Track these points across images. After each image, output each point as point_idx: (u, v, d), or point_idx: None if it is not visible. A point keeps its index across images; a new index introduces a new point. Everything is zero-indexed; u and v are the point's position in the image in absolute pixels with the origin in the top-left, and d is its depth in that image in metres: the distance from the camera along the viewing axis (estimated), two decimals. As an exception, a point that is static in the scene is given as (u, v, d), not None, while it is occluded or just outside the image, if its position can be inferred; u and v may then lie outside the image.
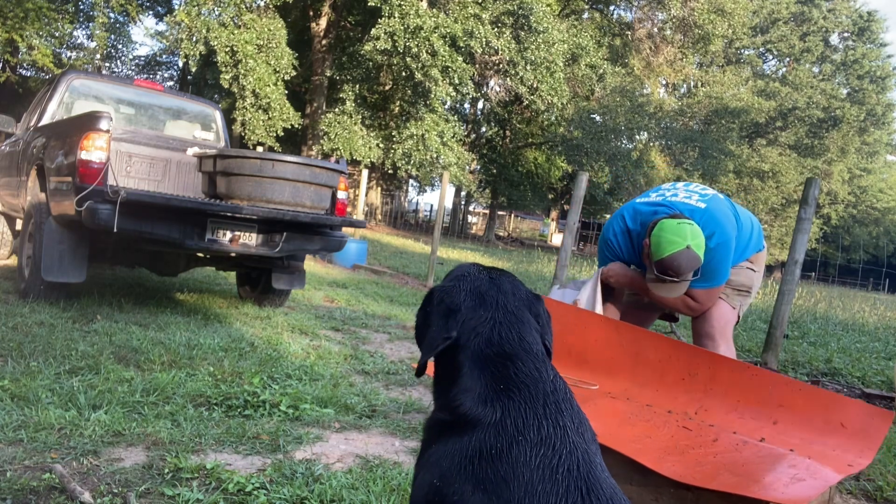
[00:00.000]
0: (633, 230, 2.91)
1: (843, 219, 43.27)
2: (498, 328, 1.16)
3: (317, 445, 2.59)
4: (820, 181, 4.79)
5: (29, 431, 2.30)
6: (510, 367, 1.11)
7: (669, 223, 2.64)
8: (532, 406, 1.06)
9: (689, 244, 2.58)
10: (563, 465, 0.99)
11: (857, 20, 40.44)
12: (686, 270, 2.61)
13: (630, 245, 2.93)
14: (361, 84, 21.19)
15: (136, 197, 3.91)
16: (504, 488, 0.96)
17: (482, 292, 1.21)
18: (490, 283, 1.24)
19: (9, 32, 18.11)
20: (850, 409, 1.98)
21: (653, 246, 2.65)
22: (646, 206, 2.91)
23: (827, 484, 1.81)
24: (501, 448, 1.00)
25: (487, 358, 1.12)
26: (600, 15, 29.51)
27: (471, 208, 43.97)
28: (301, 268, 5.29)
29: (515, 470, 0.97)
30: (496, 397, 1.07)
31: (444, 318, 1.18)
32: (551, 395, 1.09)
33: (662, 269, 2.62)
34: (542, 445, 1.00)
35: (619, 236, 2.96)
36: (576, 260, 13.62)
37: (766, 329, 5.39)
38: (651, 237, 2.68)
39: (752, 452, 1.97)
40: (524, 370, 1.11)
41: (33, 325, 3.78)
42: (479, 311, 1.18)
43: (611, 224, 3.03)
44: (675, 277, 2.62)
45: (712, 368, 2.25)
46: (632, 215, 2.93)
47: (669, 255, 2.59)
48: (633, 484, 2.10)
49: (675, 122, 30.13)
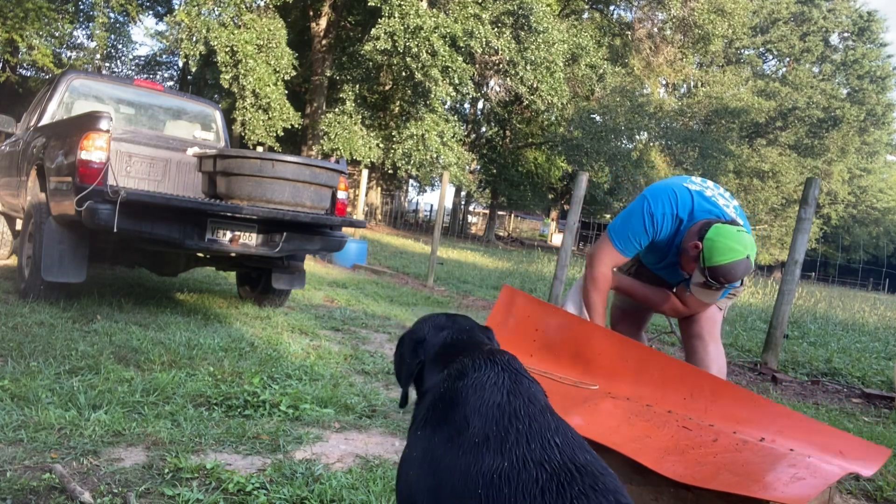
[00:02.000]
0: (685, 221, 2.72)
1: (843, 219, 43.28)
2: (452, 336, 1.45)
3: (317, 445, 2.59)
4: (820, 181, 4.79)
5: (29, 431, 2.30)
6: (459, 350, 1.39)
7: (729, 230, 2.53)
8: (470, 356, 1.31)
9: (749, 254, 2.51)
10: (490, 380, 1.23)
11: (857, 20, 40.46)
12: (738, 279, 2.55)
13: (672, 231, 2.73)
14: (361, 84, 21.20)
15: (136, 197, 3.91)
16: (449, 411, 1.20)
17: (441, 325, 1.50)
18: (447, 318, 1.54)
19: (9, 32, 18.12)
20: (849, 443, 1.99)
21: (707, 251, 2.53)
22: (701, 200, 2.73)
23: (827, 483, 1.81)
24: (447, 388, 1.25)
25: (441, 355, 1.40)
26: (600, 15, 29.52)
27: (471, 208, 44.00)
28: (301, 268, 5.29)
29: (466, 397, 1.20)
30: (448, 367, 1.32)
31: (413, 351, 1.47)
32: (489, 351, 1.34)
33: (714, 276, 2.53)
34: (475, 372, 1.25)
35: (667, 217, 2.72)
36: (576, 260, 13.61)
37: (766, 329, 5.39)
38: (706, 241, 2.55)
39: (752, 452, 1.97)
40: (470, 345, 1.40)
41: (33, 325, 3.78)
42: (438, 334, 1.47)
43: (660, 199, 2.73)
44: (725, 284, 2.55)
45: (715, 393, 2.25)
46: (681, 203, 2.73)
47: (729, 262, 2.50)
48: (633, 484, 2.10)
49: (675, 122, 30.15)
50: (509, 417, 1.14)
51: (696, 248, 2.60)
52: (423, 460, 1.18)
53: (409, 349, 1.49)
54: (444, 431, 1.18)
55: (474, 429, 1.14)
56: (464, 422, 1.16)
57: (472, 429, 1.14)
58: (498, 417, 1.14)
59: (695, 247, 2.61)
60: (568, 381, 2.52)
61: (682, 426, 2.16)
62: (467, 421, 1.16)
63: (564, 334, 2.64)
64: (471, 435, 1.13)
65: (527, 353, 2.72)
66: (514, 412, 1.15)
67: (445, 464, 1.13)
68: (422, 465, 1.18)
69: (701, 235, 2.60)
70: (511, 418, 1.14)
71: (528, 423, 1.13)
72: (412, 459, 1.22)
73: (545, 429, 1.12)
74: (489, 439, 1.11)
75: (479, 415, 1.16)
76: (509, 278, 10.63)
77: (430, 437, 1.20)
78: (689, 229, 2.70)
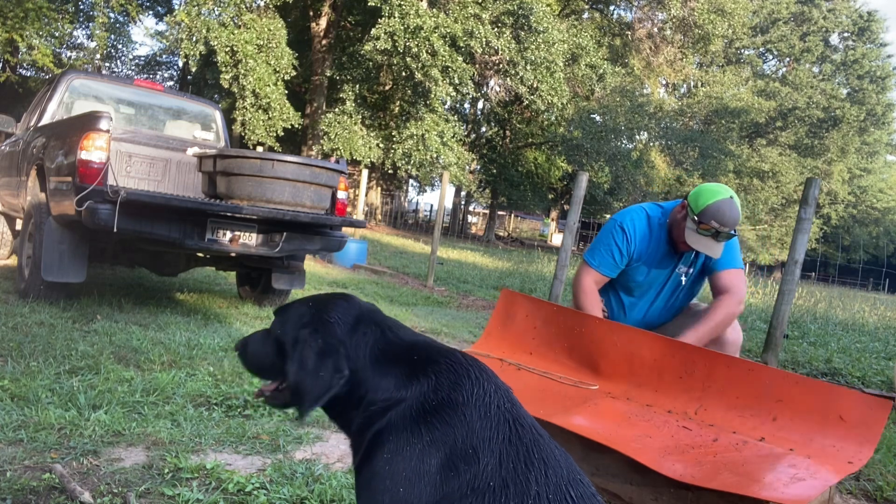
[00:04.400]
0: (654, 216, 2.83)
1: (843, 219, 43.24)
2: (383, 333, 1.27)
3: (317, 445, 2.59)
4: (820, 181, 4.79)
5: (29, 431, 2.30)
6: (418, 350, 1.24)
7: (708, 184, 2.70)
8: (458, 364, 1.20)
9: (732, 196, 2.62)
10: (493, 402, 1.15)
11: (857, 20, 40.44)
12: (730, 221, 2.59)
13: (647, 230, 2.81)
14: (361, 84, 21.19)
15: (136, 197, 3.91)
16: (448, 429, 1.10)
17: (350, 317, 1.28)
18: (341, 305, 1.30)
19: (9, 32, 18.10)
20: (848, 399, 1.97)
21: (693, 201, 2.65)
22: (666, 203, 2.90)
23: (827, 484, 1.81)
24: (442, 399, 1.14)
25: (389, 357, 1.23)
26: (600, 15, 29.51)
27: (471, 208, 43.97)
28: (301, 268, 5.29)
29: (470, 421, 1.11)
30: (421, 372, 1.19)
31: (329, 360, 1.22)
32: (466, 358, 1.24)
33: (705, 218, 2.58)
34: (474, 387, 1.16)
35: (636, 221, 2.82)
36: (576, 260, 13.63)
37: (766, 329, 5.39)
38: (690, 196, 2.68)
39: (752, 452, 1.97)
40: (435, 347, 1.26)
41: (33, 325, 3.78)
42: (356, 332, 1.26)
43: (625, 214, 2.88)
44: (717, 226, 2.58)
45: (708, 366, 2.25)
46: (644, 208, 2.88)
47: (714, 201, 2.59)
48: (632, 484, 2.10)
49: (675, 122, 30.16)
50: (525, 462, 1.08)
51: (683, 206, 2.71)
52: (418, 480, 1.09)
53: (316, 359, 1.21)
54: (441, 454, 1.09)
55: (486, 467, 1.07)
56: (471, 452, 1.08)
57: (484, 466, 1.07)
58: (514, 459, 1.08)
59: (682, 207, 2.71)
60: (568, 381, 2.52)
61: (682, 426, 2.16)
62: (476, 454, 1.08)
63: (560, 326, 2.66)
64: (483, 475, 1.06)
65: (526, 351, 2.73)
66: (527, 453, 1.09)
67: (451, 496, 1.06)
68: (416, 485, 1.08)
69: (683, 198, 2.74)
70: (527, 463, 1.08)
71: (544, 471, 1.08)
72: (398, 475, 1.10)
73: (561, 479, 1.08)
74: (508, 487, 1.05)
75: (490, 451, 1.09)
76: (509, 278, 10.62)
77: (423, 455, 1.10)
78: (671, 212, 2.80)
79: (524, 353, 2.71)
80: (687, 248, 2.74)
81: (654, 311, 2.95)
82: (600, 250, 2.85)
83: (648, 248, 2.82)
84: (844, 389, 2.04)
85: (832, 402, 1.98)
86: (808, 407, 2.01)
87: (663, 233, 2.80)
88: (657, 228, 2.81)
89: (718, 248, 2.65)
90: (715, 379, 2.22)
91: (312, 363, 1.21)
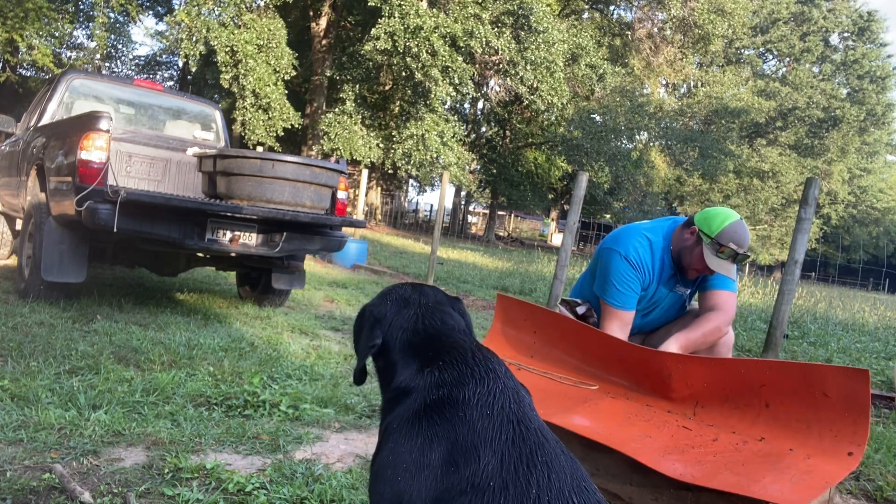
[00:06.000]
0: (655, 241, 2.76)
1: (843, 219, 43.22)
2: (422, 320, 1.36)
3: (317, 445, 2.59)
4: (820, 181, 4.79)
5: (29, 431, 2.30)
6: (437, 342, 1.31)
7: (711, 208, 2.70)
8: (463, 361, 1.24)
9: (739, 217, 2.65)
10: (497, 402, 1.16)
11: (857, 20, 40.43)
12: (746, 241, 2.62)
13: (651, 258, 2.74)
14: (361, 84, 21.19)
15: (135, 197, 3.91)
16: (448, 426, 1.12)
17: (405, 298, 1.41)
18: (413, 290, 1.44)
19: (9, 32, 18.11)
20: (827, 375, 1.95)
21: (705, 226, 2.64)
22: (653, 223, 2.85)
23: (827, 484, 1.81)
24: (443, 396, 1.17)
25: (415, 344, 1.32)
26: (600, 15, 29.52)
27: (471, 208, 43.97)
28: (301, 268, 5.29)
29: (472, 419, 1.13)
30: (430, 365, 1.25)
31: (371, 329, 1.38)
32: (478, 352, 1.28)
33: (724, 240, 2.59)
34: (478, 386, 1.18)
35: (639, 248, 2.72)
36: (576, 260, 13.61)
37: (766, 329, 5.39)
38: (697, 221, 2.67)
39: (752, 452, 1.97)
40: (449, 340, 1.31)
41: (33, 325, 3.78)
42: (402, 312, 1.38)
43: (620, 241, 2.76)
44: (735, 248, 2.59)
45: (683, 370, 2.23)
46: (639, 229, 2.80)
47: (729, 223, 2.61)
48: (632, 484, 2.11)
49: (675, 122, 30.14)
50: (527, 464, 1.07)
51: (693, 233, 2.69)
52: (418, 472, 1.11)
53: (367, 326, 1.39)
54: (443, 449, 1.11)
55: (487, 467, 1.07)
56: (472, 450, 1.09)
57: (484, 466, 1.07)
58: (516, 461, 1.07)
59: (691, 233, 2.69)
60: (568, 381, 2.52)
61: (682, 426, 2.16)
62: (477, 451, 1.09)
63: (558, 332, 2.67)
64: (483, 473, 1.06)
65: (527, 356, 2.74)
66: (530, 455, 1.08)
67: (450, 491, 1.07)
68: (416, 477, 1.11)
69: (689, 224, 2.71)
70: (530, 465, 1.07)
71: (547, 475, 1.06)
72: (399, 465, 1.14)
73: (564, 485, 1.06)
74: (508, 489, 1.04)
75: (492, 450, 1.09)
76: (509, 278, 10.62)
77: (423, 449, 1.12)
78: (672, 234, 2.77)
79: (525, 358, 2.72)
80: (697, 275, 2.74)
81: (652, 322, 2.97)
82: (617, 288, 2.71)
83: (655, 276, 2.81)
84: (820, 365, 2.03)
85: (814, 380, 1.96)
86: (792, 387, 1.99)
87: (667, 257, 2.77)
88: (660, 254, 2.77)
89: (734, 269, 2.70)
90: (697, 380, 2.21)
91: (357, 327, 1.45)
